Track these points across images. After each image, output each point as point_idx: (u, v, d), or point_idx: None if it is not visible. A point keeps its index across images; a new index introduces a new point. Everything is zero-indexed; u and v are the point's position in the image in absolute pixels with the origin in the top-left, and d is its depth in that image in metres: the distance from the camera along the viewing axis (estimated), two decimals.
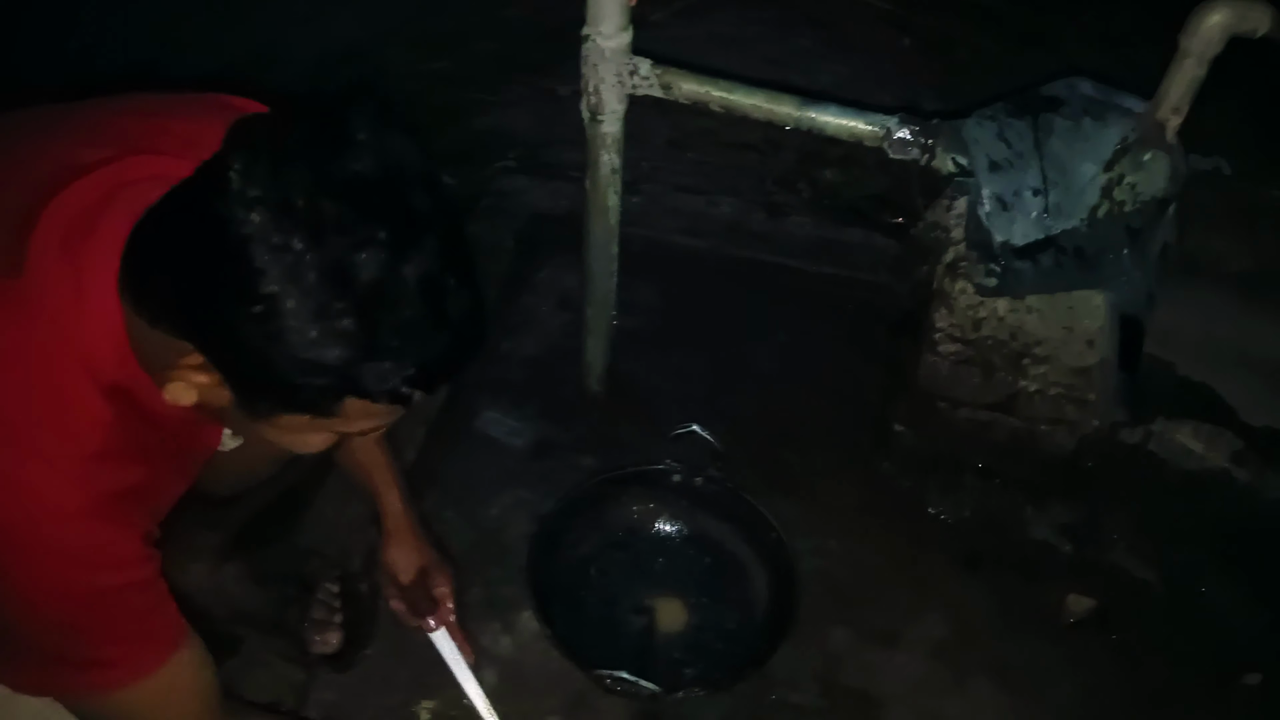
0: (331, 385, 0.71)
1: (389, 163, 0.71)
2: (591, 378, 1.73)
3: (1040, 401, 1.51)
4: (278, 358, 0.69)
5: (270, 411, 0.76)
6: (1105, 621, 1.48)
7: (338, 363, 0.70)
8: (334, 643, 1.34)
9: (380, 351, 0.70)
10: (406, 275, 0.70)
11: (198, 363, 0.73)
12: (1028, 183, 1.24)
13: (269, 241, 0.67)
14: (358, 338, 0.69)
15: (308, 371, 0.70)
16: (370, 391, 0.72)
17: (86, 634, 0.80)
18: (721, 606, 1.47)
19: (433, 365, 0.74)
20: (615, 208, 1.49)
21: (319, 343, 0.69)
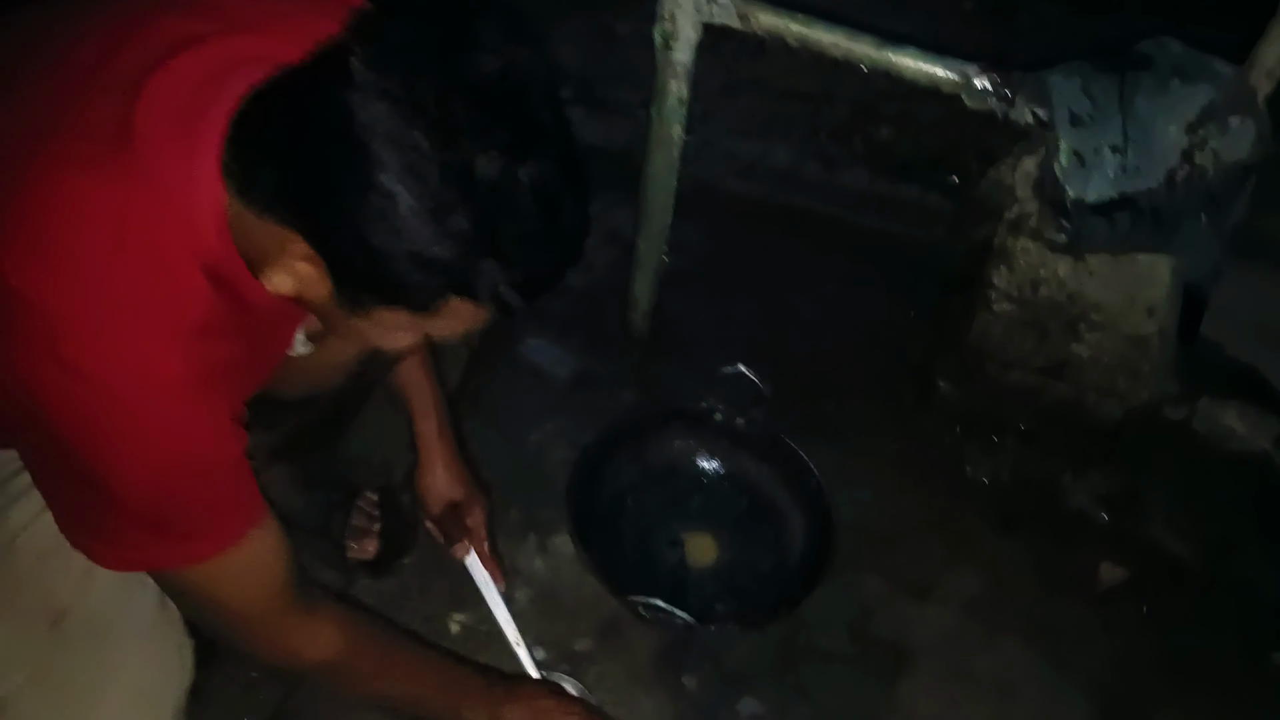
0: (440, 284, 0.72)
1: (516, 71, 0.70)
2: (637, 314, 1.73)
3: (1092, 369, 1.49)
4: (390, 252, 0.69)
5: (370, 306, 0.76)
6: (1138, 592, 1.48)
7: (449, 261, 0.70)
8: (371, 550, 1.35)
9: (492, 254, 0.71)
10: (525, 182, 0.70)
11: (303, 252, 0.73)
12: (1108, 140, 1.21)
13: (394, 135, 0.67)
14: (472, 238, 0.69)
15: (418, 268, 0.70)
16: (476, 294, 0.72)
17: (177, 505, 0.81)
18: (755, 547, 1.48)
19: (540, 274, 0.74)
20: (679, 140, 1.47)
21: (434, 240, 0.69)
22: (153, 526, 0.81)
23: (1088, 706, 1.36)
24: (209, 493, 0.83)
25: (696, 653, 1.36)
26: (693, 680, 1.34)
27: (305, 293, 0.76)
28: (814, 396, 1.68)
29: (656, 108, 1.43)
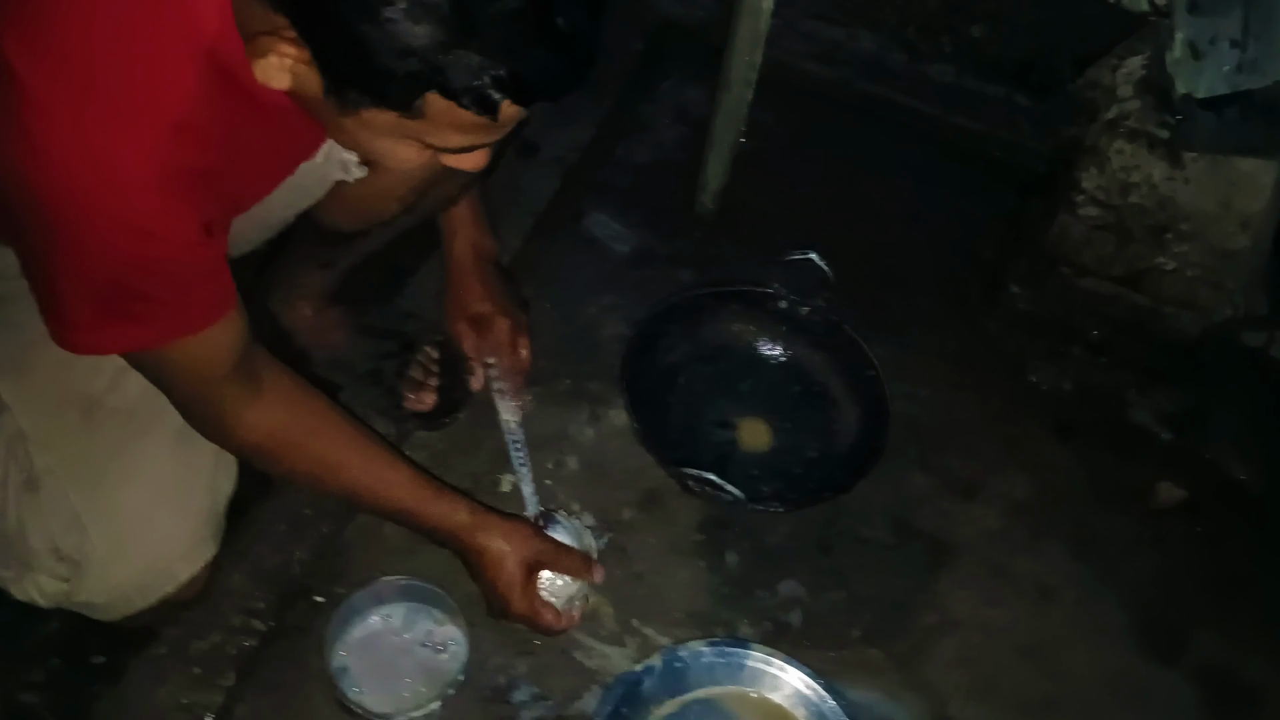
0: (417, 72, 0.67)
1: None
2: (706, 193, 1.69)
3: (1174, 281, 1.44)
4: (364, 31, 0.66)
5: (357, 103, 0.73)
6: (1194, 514, 1.45)
7: (425, 45, 0.66)
8: (428, 403, 1.37)
9: (471, 41, 0.66)
10: None
11: (291, 37, 0.70)
12: (1227, 31, 1.14)
13: None
14: (450, 20, 0.65)
15: (394, 52, 0.66)
16: (455, 87, 0.68)
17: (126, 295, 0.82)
18: (805, 433, 1.47)
19: (526, 73, 0.69)
20: (768, 10, 1.42)
21: (409, 17, 0.65)
22: (101, 312, 0.82)
23: (1126, 616, 1.35)
24: (161, 288, 0.82)
25: (737, 530, 1.37)
26: (733, 556, 1.35)
27: (298, 88, 0.73)
28: (879, 289, 1.64)
29: None
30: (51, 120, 0.72)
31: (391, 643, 1.20)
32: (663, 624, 1.27)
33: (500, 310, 1.34)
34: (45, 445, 0.98)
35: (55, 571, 1.01)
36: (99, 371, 0.95)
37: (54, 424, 0.99)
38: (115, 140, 0.74)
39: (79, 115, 0.73)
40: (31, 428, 0.98)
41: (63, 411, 0.99)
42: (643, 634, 1.26)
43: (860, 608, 1.32)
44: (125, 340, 0.86)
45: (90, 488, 0.99)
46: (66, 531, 1.00)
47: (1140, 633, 1.34)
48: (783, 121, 1.85)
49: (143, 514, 1.02)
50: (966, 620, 1.32)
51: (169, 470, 1.04)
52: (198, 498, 1.07)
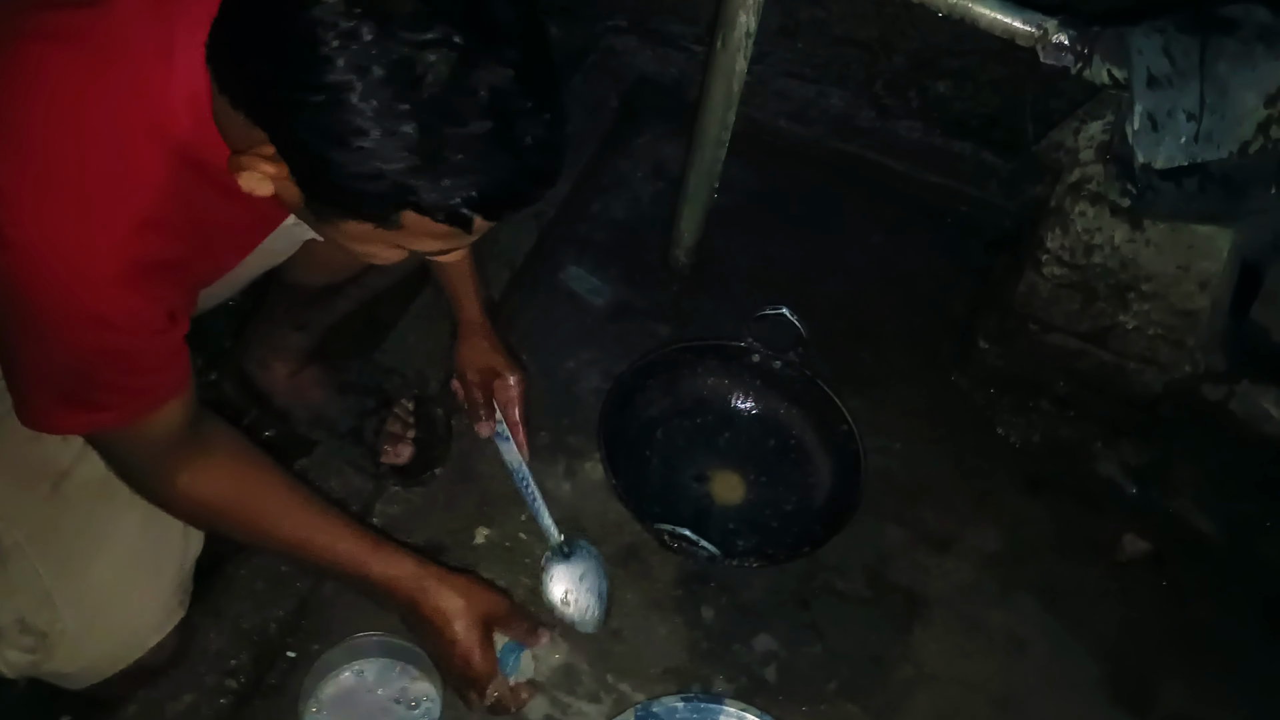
0: (388, 194, 0.69)
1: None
2: (680, 248, 1.72)
3: (1136, 338, 1.48)
4: (337, 156, 0.67)
5: (335, 216, 0.74)
6: (1159, 566, 1.48)
7: (395, 171, 0.67)
8: (405, 456, 1.37)
9: (440, 165, 0.68)
10: (477, 87, 0.66)
11: (269, 154, 0.71)
12: (1183, 104, 1.19)
13: (338, 27, 0.64)
14: (418, 146, 0.67)
15: (365, 176, 0.68)
16: (427, 208, 0.70)
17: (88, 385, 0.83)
18: (780, 487, 1.49)
19: (495, 190, 0.71)
20: (741, 73, 1.45)
21: (379, 145, 0.66)
22: (63, 396, 0.83)
23: (1096, 668, 1.37)
24: (123, 376, 0.83)
25: (715, 585, 1.38)
26: (710, 611, 1.36)
27: (280, 195, 0.75)
28: (850, 344, 1.67)
29: (722, 39, 1.41)
30: (17, 214, 0.72)
31: (365, 699, 1.20)
32: (639, 680, 1.28)
33: (510, 365, 1.35)
34: (13, 520, 0.97)
35: (22, 644, 0.99)
36: (68, 443, 0.95)
37: (22, 498, 0.98)
38: (80, 235, 0.74)
39: (48, 210, 0.73)
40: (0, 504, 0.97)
41: (31, 485, 0.98)
42: (619, 690, 1.26)
43: (837, 662, 1.33)
44: (86, 424, 0.87)
45: (60, 563, 0.98)
46: (36, 608, 0.98)
47: (1110, 684, 1.36)
48: (756, 177, 1.89)
49: (114, 588, 1.01)
50: (941, 673, 1.34)
51: (139, 541, 1.02)
52: (168, 566, 1.05)
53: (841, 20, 2.27)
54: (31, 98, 0.72)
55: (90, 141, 0.73)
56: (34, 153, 0.73)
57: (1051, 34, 1.23)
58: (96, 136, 0.73)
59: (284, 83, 0.67)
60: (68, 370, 0.81)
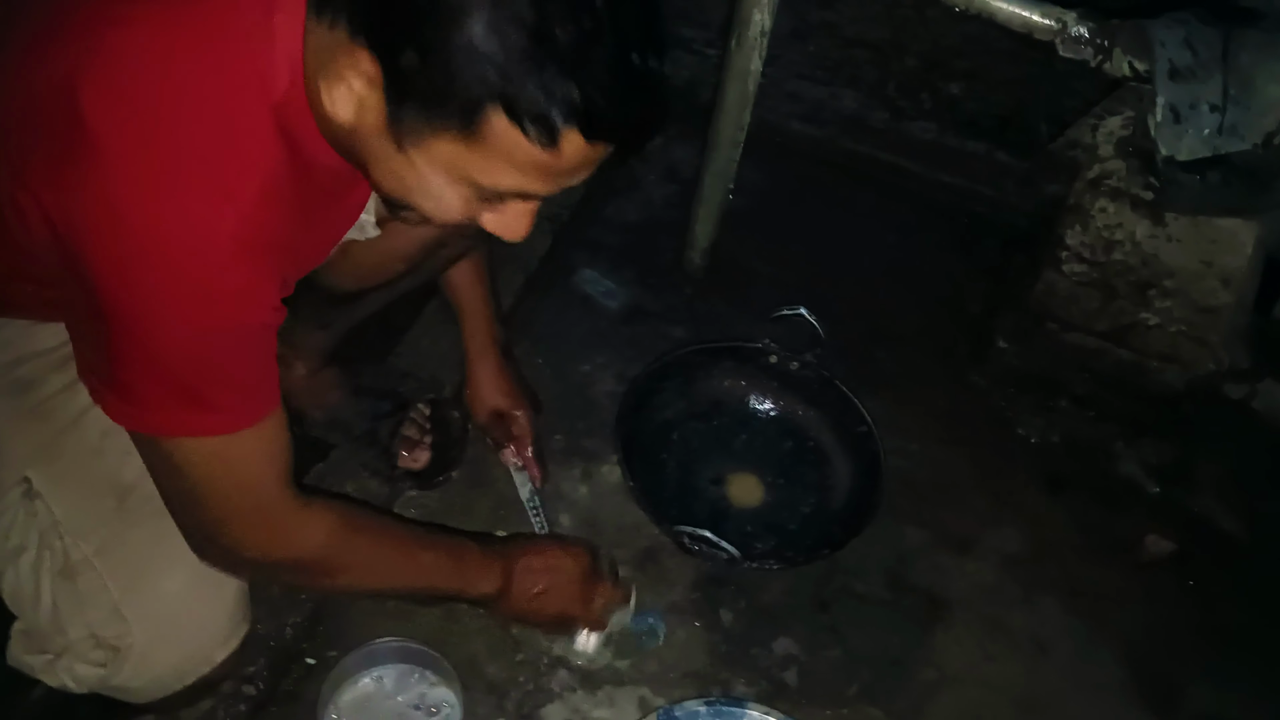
0: (486, 78, 0.66)
1: None
2: (694, 250, 1.71)
3: (1157, 336, 1.46)
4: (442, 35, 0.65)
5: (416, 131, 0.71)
6: (1183, 565, 1.46)
7: (500, 52, 0.65)
8: (422, 460, 1.36)
9: (547, 57, 0.66)
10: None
11: (365, 70, 0.70)
12: (1206, 96, 1.17)
13: None
14: (531, 31, 0.65)
15: (468, 55, 0.65)
16: (524, 103, 0.67)
17: (205, 369, 0.79)
18: (798, 489, 1.47)
19: (597, 98, 0.67)
20: (756, 73, 1.44)
21: (490, 24, 0.65)
22: (176, 388, 0.79)
23: (1120, 670, 1.35)
24: (239, 364, 0.81)
25: (733, 588, 1.37)
26: (729, 615, 1.35)
27: (360, 121, 0.73)
28: (867, 344, 1.66)
29: (736, 39, 1.40)
30: (138, 188, 0.71)
31: (384, 706, 1.19)
32: (659, 684, 1.26)
33: (518, 403, 1.38)
34: (81, 534, 0.96)
35: (93, 659, 0.98)
36: (131, 456, 0.89)
37: (89, 512, 0.96)
38: (208, 207, 0.72)
39: (169, 184, 0.71)
40: (66, 516, 0.96)
41: (97, 499, 0.96)
42: (639, 694, 1.25)
43: (858, 665, 1.32)
44: (194, 424, 0.81)
45: (129, 577, 0.97)
46: (106, 621, 0.97)
47: (1135, 686, 1.34)
48: (770, 179, 1.88)
49: (182, 601, 0.99)
50: (964, 676, 1.32)
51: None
52: (231, 579, 1.03)
53: (852, 22, 2.27)
54: (154, 73, 0.72)
55: (208, 118, 0.73)
56: (158, 126, 0.71)
57: (1071, 27, 1.23)
58: (213, 113, 0.73)
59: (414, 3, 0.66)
60: (181, 356, 0.77)
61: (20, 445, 0.97)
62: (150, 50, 0.72)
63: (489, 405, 1.38)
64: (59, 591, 0.96)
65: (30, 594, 0.97)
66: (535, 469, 1.38)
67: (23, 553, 0.96)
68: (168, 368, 0.78)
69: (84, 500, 0.96)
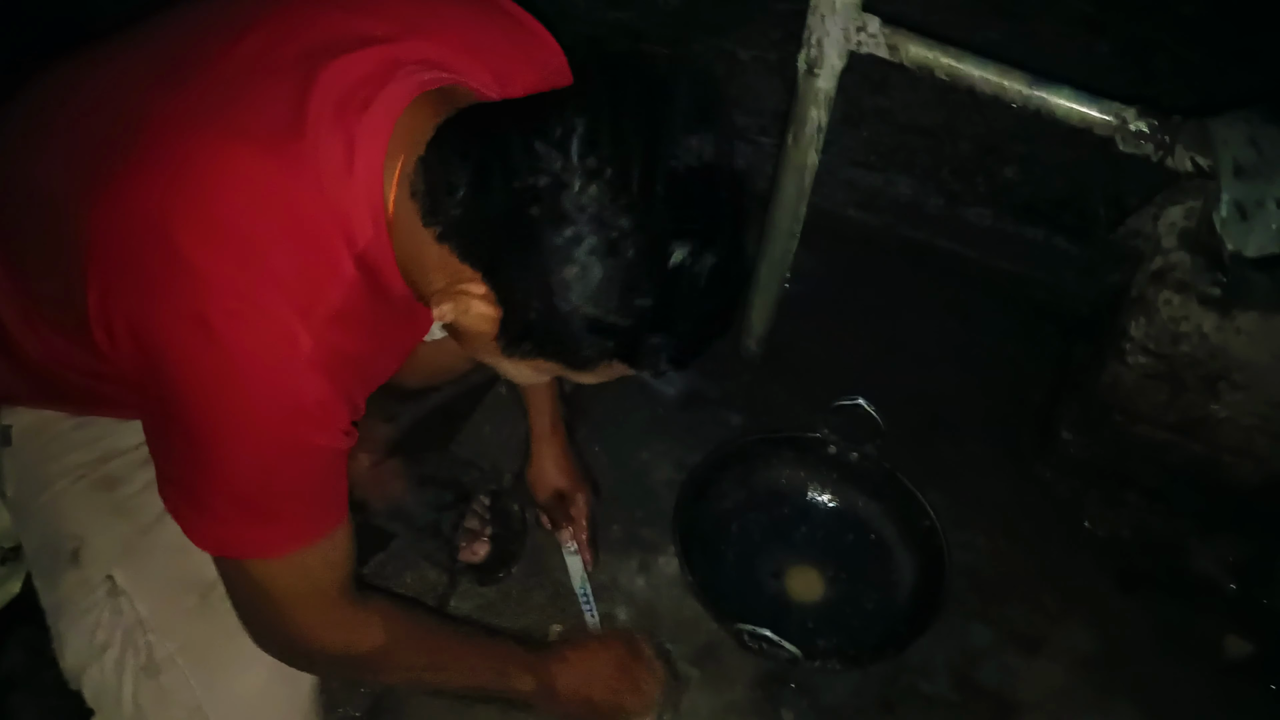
0: (609, 349, 0.76)
1: (711, 156, 0.74)
2: (751, 338, 1.72)
3: (1229, 429, 1.43)
4: (573, 314, 0.73)
5: (529, 354, 0.79)
6: (1265, 669, 1.40)
7: (624, 331, 0.74)
8: (481, 554, 1.37)
9: (665, 328, 0.75)
10: (705, 266, 0.73)
11: (481, 292, 0.76)
12: (1273, 192, 1.16)
13: (601, 217, 0.71)
14: (650, 314, 0.73)
15: (594, 333, 0.74)
16: (638, 360, 0.77)
17: (274, 486, 0.82)
18: (860, 585, 1.45)
19: (700, 346, 0.79)
20: (813, 167, 1.46)
21: (616, 311, 0.73)
22: (245, 504, 0.82)
23: None
24: (308, 481, 0.84)
25: (795, 687, 1.34)
26: (790, 715, 1.32)
27: (466, 325, 0.78)
28: (929, 434, 1.64)
29: (793, 134, 1.42)
30: (227, 306, 0.74)
31: None
32: None
33: (579, 485, 1.40)
34: (165, 632, 0.97)
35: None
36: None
37: (173, 610, 0.98)
38: (288, 326, 0.76)
39: (255, 303, 0.75)
40: (151, 614, 0.97)
41: (181, 597, 0.98)
42: None
43: None
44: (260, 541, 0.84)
45: (210, 674, 0.98)
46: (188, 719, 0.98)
47: None
48: (827, 266, 1.89)
49: (261, 698, 1.00)
50: None
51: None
52: (305, 676, 1.04)
53: (905, 108, 2.29)
54: (243, 201, 0.76)
55: (291, 244, 0.77)
56: (245, 250, 0.75)
57: (1131, 123, 1.22)
58: (296, 241, 0.77)
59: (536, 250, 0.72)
60: (256, 469, 0.80)
61: (106, 543, 0.99)
62: (240, 188, 0.76)
63: (551, 485, 1.40)
64: (141, 689, 0.97)
65: (113, 692, 0.98)
66: (588, 553, 1.39)
67: (107, 650, 0.98)
68: (238, 481, 0.81)
69: (167, 598, 0.98)
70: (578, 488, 1.40)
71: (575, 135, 0.71)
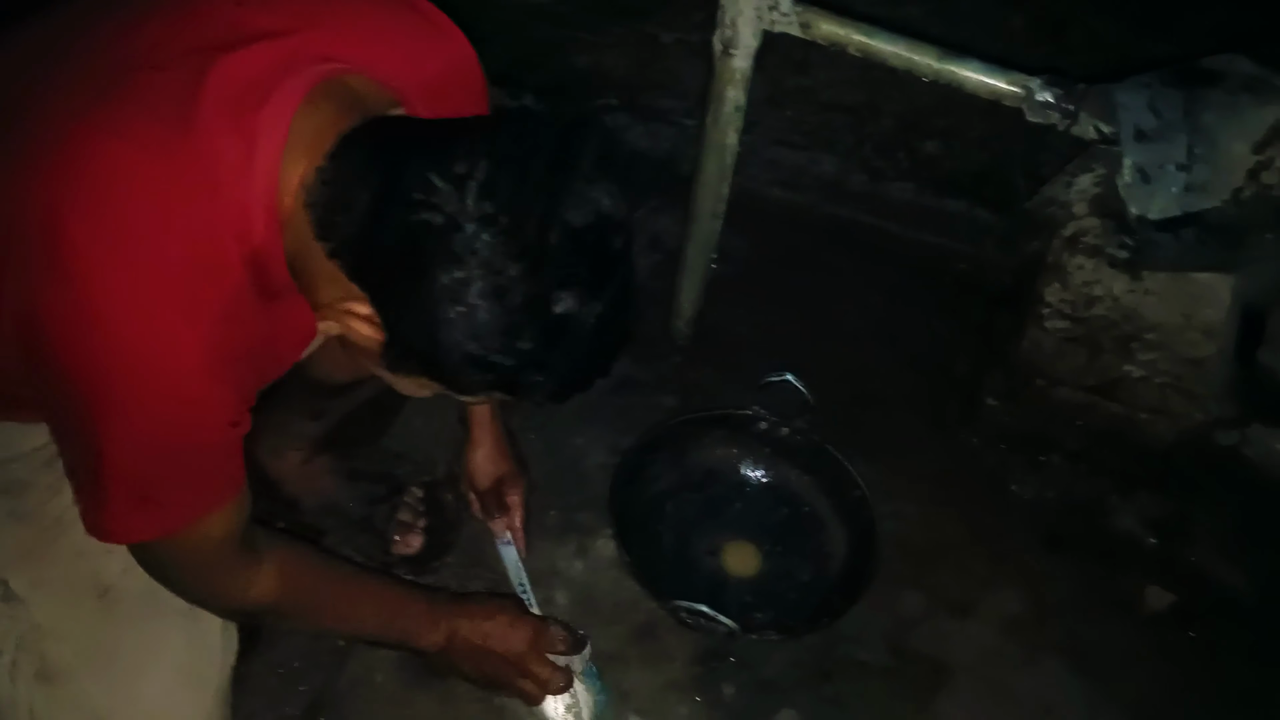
0: (488, 382, 0.77)
1: (605, 206, 0.75)
2: (680, 320, 1.72)
3: (1145, 389, 1.47)
4: (455, 352, 0.75)
5: (413, 373, 0.81)
6: (1186, 619, 1.45)
7: (504, 369, 0.75)
8: (415, 545, 1.36)
9: (543, 370, 0.77)
10: (591, 314, 0.75)
11: (366, 313, 0.77)
12: (1173, 156, 1.20)
13: (490, 261, 0.72)
14: (532, 356, 0.75)
15: (475, 368, 0.75)
16: (519, 395, 0.80)
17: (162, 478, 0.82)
18: (795, 557, 1.47)
19: (578, 388, 0.81)
20: (733, 147, 1.47)
21: (498, 352, 0.74)
22: (140, 494, 0.82)
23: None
24: (195, 471, 0.84)
25: (734, 661, 1.35)
26: (730, 689, 1.33)
27: (353, 339, 0.80)
28: (857, 408, 1.66)
29: (712, 114, 1.43)
30: (112, 300, 0.74)
31: None
32: None
33: (515, 474, 1.39)
34: (62, 638, 0.95)
35: None
36: (114, 554, 0.92)
37: (71, 615, 0.96)
38: (174, 323, 0.76)
39: (142, 298, 0.74)
40: (48, 620, 0.95)
41: (79, 601, 0.96)
42: None
43: None
44: (157, 526, 0.85)
45: (110, 680, 0.96)
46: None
47: None
48: (752, 246, 1.90)
49: (163, 703, 0.99)
50: None
51: (184, 653, 1.01)
52: (211, 678, 1.03)
53: (828, 87, 2.32)
54: (132, 194, 0.75)
55: (178, 233, 0.76)
56: (133, 243, 0.75)
57: (1036, 93, 1.25)
58: (184, 236, 0.76)
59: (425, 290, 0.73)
60: (146, 459, 0.80)
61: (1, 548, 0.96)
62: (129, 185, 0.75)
63: (489, 473, 1.38)
64: (37, 697, 0.95)
65: (7, 699, 0.96)
66: (523, 541, 1.38)
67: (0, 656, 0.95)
68: (128, 474, 0.80)
69: (66, 602, 0.96)
70: (514, 476, 1.39)
71: (475, 179, 0.72)
